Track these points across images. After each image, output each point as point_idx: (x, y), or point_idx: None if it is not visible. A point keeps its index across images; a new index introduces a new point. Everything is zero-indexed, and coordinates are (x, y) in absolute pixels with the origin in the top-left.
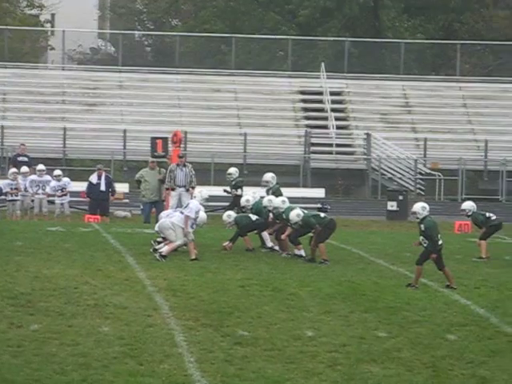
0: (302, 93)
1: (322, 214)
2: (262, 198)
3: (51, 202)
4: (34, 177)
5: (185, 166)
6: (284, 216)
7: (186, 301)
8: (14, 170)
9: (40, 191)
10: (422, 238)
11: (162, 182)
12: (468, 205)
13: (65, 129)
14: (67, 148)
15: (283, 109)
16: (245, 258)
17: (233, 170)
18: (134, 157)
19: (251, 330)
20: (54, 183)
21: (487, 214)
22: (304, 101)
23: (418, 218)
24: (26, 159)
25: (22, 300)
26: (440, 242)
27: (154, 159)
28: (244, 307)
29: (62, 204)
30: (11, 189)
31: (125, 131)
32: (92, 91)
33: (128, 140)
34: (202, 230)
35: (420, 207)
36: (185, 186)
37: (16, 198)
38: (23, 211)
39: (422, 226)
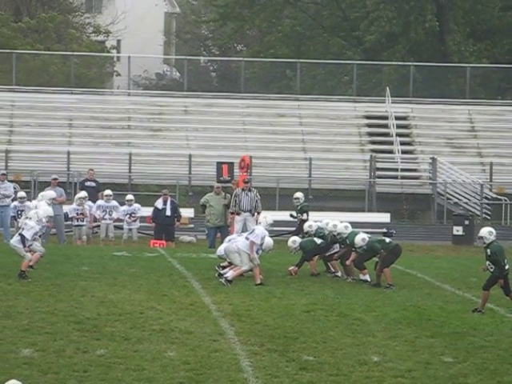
0: (367, 117)
1: (387, 239)
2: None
3: (118, 228)
4: (101, 202)
5: (250, 190)
6: (348, 241)
7: (251, 326)
8: (81, 194)
9: (107, 216)
10: (488, 262)
11: (227, 206)
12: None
13: (130, 154)
14: (133, 173)
15: (348, 133)
16: (310, 282)
17: (299, 195)
18: (199, 181)
19: (316, 355)
20: (124, 207)
21: None
22: (369, 125)
23: (484, 243)
24: (94, 184)
25: (87, 325)
26: (507, 267)
27: (220, 184)
28: (309, 332)
29: (130, 229)
30: (77, 214)
31: (190, 156)
32: (157, 116)
33: (193, 165)
34: (267, 255)
35: (487, 232)
36: (250, 211)
37: (82, 223)
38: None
39: (489, 250)
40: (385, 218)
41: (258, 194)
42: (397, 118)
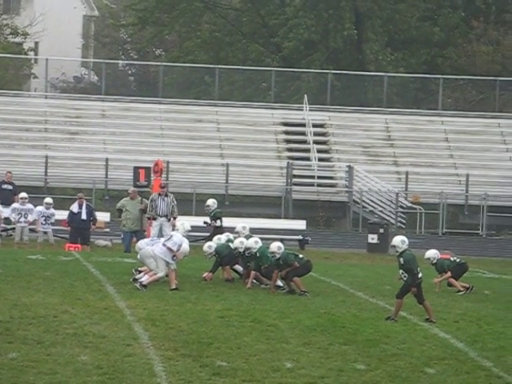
0: (285, 124)
1: (301, 255)
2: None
3: (32, 231)
4: (16, 205)
5: (167, 195)
6: (258, 254)
7: (165, 331)
8: None
9: (22, 219)
10: (401, 271)
11: (143, 211)
12: (432, 253)
13: (47, 157)
14: (49, 176)
15: (266, 140)
16: (225, 288)
17: (210, 202)
18: (115, 186)
19: (230, 361)
20: (40, 208)
21: (452, 258)
22: (286, 132)
23: (397, 252)
24: (10, 187)
25: (0, 328)
26: (420, 276)
27: (135, 189)
28: (223, 338)
29: (45, 232)
30: None
31: (107, 160)
32: (75, 120)
33: (110, 169)
34: (182, 260)
35: (399, 241)
36: (166, 216)
37: None
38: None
39: (401, 259)
40: (301, 224)
41: (174, 199)
42: (314, 126)
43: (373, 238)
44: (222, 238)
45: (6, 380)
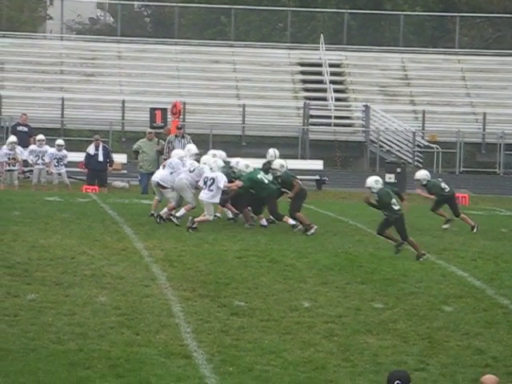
0: (301, 65)
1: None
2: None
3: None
4: (33, 147)
5: (183, 137)
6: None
7: (183, 271)
8: (12, 139)
9: (40, 161)
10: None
11: (160, 152)
12: (422, 174)
13: (63, 99)
14: (65, 118)
15: (282, 81)
16: (242, 229)
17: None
18: (132, 127)
19: (248, 301)
20: (52, 150)
21: (442, 185)
22: (303, 73)
23: (373, 192)
24: (26, 129)
25: (18, 269)
26: (397, 208)
27: (152, 130)
28: (241, 278)
29: (59, 174)
30: (9, 158)
31: (123, 102)
32: (90, 61)
33: (126, 111)
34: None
35: (373, 181)
36: None
37: (13, 167)
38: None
39: (376, 197)
40: (318, 165)
41: (191, 140)
42: (331, 66)
43: (390, 178)
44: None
45: (25, 321)
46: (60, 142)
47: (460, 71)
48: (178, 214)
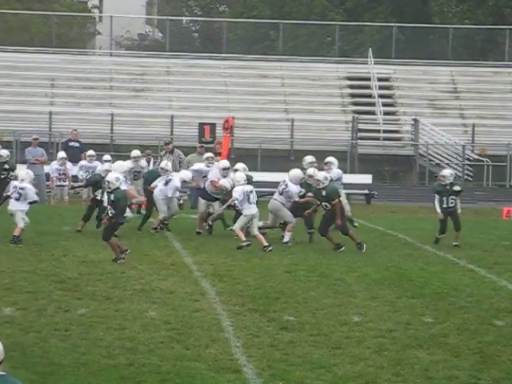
0: (350, 79)
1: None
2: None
3: None
4: (84, 162)
5: (172, 152)
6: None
7: (232, 286)
8: (62, 154)
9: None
10: (324, 203)
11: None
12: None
13: (112, 114)
14: (115, 134)
15: (330, 95)
16: (291, 243)
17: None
18: (181, 142)
19: (297, 316)
20: (106, 166)
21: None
22: (351, 87)
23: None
24: (77, 144)
25: (69, 284)
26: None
27: (203, 145)
28: (290, 292)
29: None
30: (59, 174)
31: (172, 117)
32: (139, 77)
33: (175, 125)
34: None
35: (323, 177)
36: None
37: (64, 183)
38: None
39: (324, 192)
40: (367, 179)
41: (180, 155)
42: (379, 80)
43: None
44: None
45: (75, 336)
46: (107, 157)
47: (510, 84)
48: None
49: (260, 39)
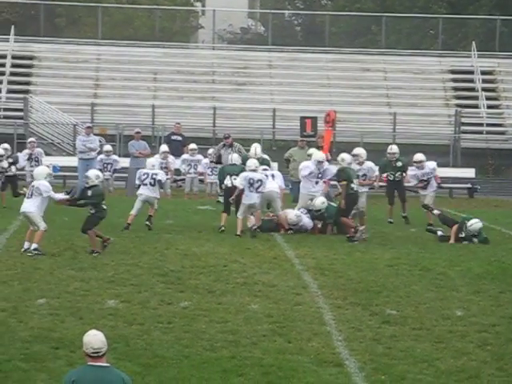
0: (453, 72)
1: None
2: None
3: (202, 182)
4: (186, 156)
5: (231, 146)
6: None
7: (334, 280)
8: (164, 148)
9: (192, 170)
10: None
11: None
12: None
13: (214, 108)
14: (217, 127)
15: (433, 88)
16: (393, 237)
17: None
18: (282, 136)
19: (400, 309)
20: (206, 160)
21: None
22: (454, 80)
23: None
24: (180, 138)
25: (172, 277)
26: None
27: (304, 138)
28: (393, 286)
29: (211, 183)
30: (161, 167)
31: (274, 110)
32: (242, 70)
33: (277, 119)
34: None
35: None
36: None
37: (166, 176)
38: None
39: None
40: (470, 173)
41: (240, 149)
42: (482, 73)
43: None
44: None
45: (178, 328)
46: (210, 150)
47: None
48: None
49: (362, 32)
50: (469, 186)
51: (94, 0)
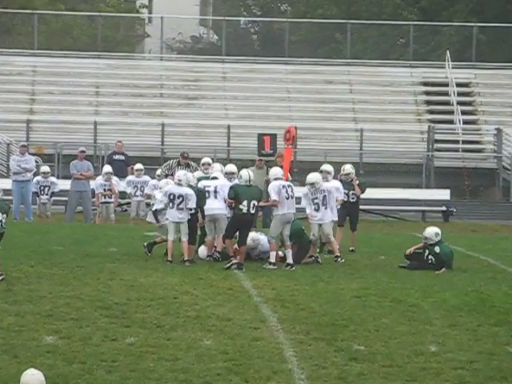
0: (425, 84)
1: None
2: None
3: (149, 205)
4: (131, 177)
5: (188, 166)
6: None
7: (295, 312)
8: (107, 169)
9: (138, 193)
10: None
11: (268, 182)
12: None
13: (163, 125)
14: (166, 146)
15: (404, 102)
16: (361, 266)
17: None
18: (238, 155)
19: (368, 345)
20: (154, 182)
21: None
22: (427, 93)
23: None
24: (122, 157)
25: (116, 311)
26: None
27: (262, 158)
28: (360, 319)
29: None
30: (104, 190)
31: (229, 127)
32: (193, 83)
33: (232, 137)
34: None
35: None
36: None
37: (110, 200)
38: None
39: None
40: (444, 195)
41: (197, 168)
42: (458, 85)
43: None
44: None
45: (123, 366)
46: (159, 172)
47: None
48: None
49: (325, 41)
50: (443, 208)
51: (30, 7)
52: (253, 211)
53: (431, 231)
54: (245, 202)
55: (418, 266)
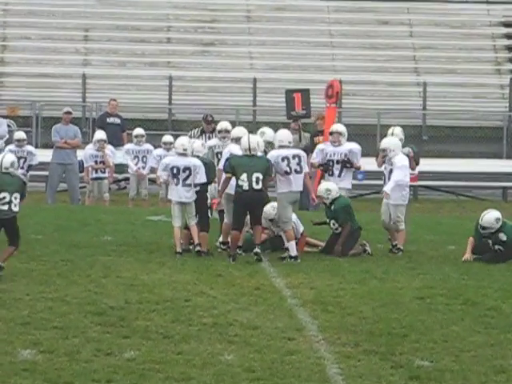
0: (506, 25)
1: None
2: None
3: (153, 181)
4: (130, 146)
5: (213, 131)
6: None
7: (341, 318)
8: (100, 135)
9: (139, 165)
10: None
11: (304, 151)
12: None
13: (171, 77)
14: (174, 105)
15: (479, 48)
16: (424, 258)
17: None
18: (267, 117)
19: (434, 360)
20: (159, 151)
21: None
22: (509, 36)
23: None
24: (118, 121)
25: (112, 317)
26: None
27: (298, 119)
28: (424, 327)
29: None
30: (96, 162)
31: (255, 80)
32: (208, 25)
33: (259, 93)
34: None
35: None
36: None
37: (103, 175)
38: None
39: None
40: None
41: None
42: None
43: None
44: None
45: None
46: (167, 138)
47: None
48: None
49: None
50: None
51: None
52: (257, 186)
53: (490, 218)
54: (243, 176)
55: (491, 259)
